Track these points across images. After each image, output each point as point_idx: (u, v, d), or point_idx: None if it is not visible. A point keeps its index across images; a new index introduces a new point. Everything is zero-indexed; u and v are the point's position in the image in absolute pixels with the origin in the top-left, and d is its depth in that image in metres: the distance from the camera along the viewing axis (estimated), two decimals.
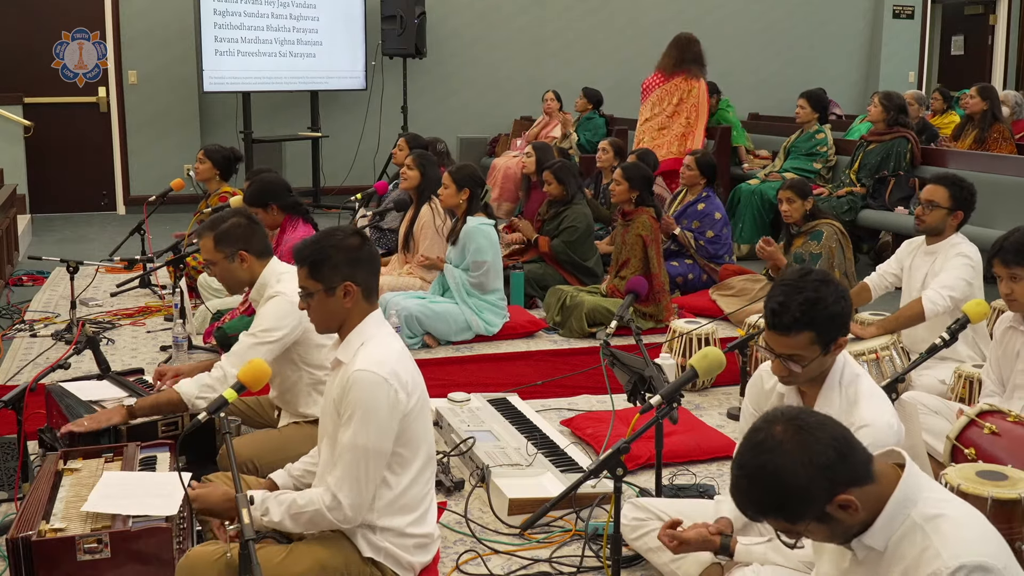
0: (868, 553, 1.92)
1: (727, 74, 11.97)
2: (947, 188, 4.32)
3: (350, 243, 2.69)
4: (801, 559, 2.49)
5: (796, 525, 1.86)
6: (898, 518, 1.88)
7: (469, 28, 11.63)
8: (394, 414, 2.57)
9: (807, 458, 1.81)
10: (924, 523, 1.85)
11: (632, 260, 5.74)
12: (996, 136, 7.91)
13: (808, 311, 2.52)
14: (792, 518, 1.85)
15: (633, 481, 3.67)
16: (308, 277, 2.67)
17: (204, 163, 6.44)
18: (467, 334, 5.64)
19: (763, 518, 1.89)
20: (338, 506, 2.55)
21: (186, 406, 3.36)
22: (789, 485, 1.81)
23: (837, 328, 2.57)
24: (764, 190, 7.93)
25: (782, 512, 1.85)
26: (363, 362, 2.57)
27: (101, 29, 10.47)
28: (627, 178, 5.79)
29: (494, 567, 3.09)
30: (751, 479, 1.86)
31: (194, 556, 2.55)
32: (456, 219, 5.76)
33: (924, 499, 1.89)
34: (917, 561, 1.82)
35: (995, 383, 3.57)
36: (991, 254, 3.53)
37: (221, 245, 3.52)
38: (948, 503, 1.91)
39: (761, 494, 1.85)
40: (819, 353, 2.57)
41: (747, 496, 1.87)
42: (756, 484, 1.85)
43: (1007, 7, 13.53)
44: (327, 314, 2.69)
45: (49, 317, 6.08)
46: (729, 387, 4.81)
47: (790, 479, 1.81)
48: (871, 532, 1.89)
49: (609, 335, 3.84)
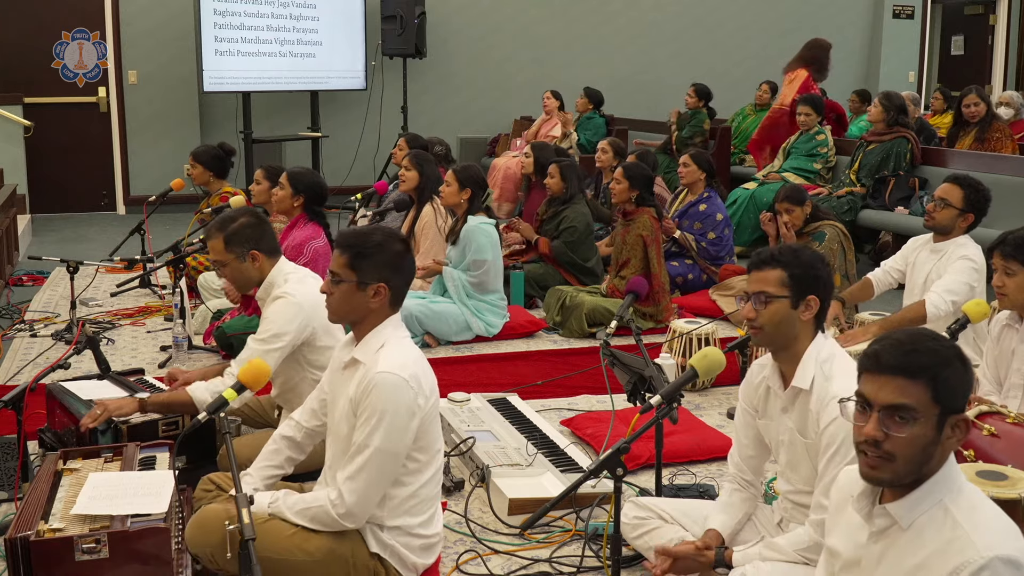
0: (888, 529, 1.90)
1: (727, 74, 12.00)
2: (963, 189, 4.32)
3: (397, 248, 2.70)
4: (796, 549, 2.49)
5: (933, 404, 1.83)
6: (931, 498, 1.86)
7: (469, 28, 11.63)
8: (413, 418, 2.58)
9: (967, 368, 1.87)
10: (957, 511, 1.83)
11: (632, 260, 5.74)
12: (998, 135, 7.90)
13: (785, 253, 2.62)
14: (937, 393, 1.83)
15: (633, 481, 3.67)
16: (346, 266, 2.66)
17: (196, 168, 6.44)
18: (467, 334, 5.63)
19: (914, 377, 1.84)
20: (342, 503, 2.57)
21: (196, 409, 3.36)
22: (960, 365, 1.85)
23: (810, 282, 2.59)
24: (758, 195, 7.92)
25: (937, 380, 1.83)
26: (385, 364, 2.57)
27: (101, 29, 10.47)
28: (627, 177, 5.79)
29: (494, 567, 3.09)
30: (935, 339, 1.87)
31: (208, 512, 2.60)
32: (456, 219, 5.76)
33: (960, 488, 1.87)
34: (945, 549, 1.80)
35: (991, 382, 3.57)
36: (993, 244, 3.54)
37: (232, 245, 3.48)
38: (980, 496, 1.89)
39: (940, 355, 1.85)
40: (787, 296, 2.58)
41: (923, 346, 1.86)
42: (938, 345, 1.86)
43: (1007, 7, 13.54)
44: (349, 306, 2.68)
45: (49, 317, 6.08)
46: (729, 387, 4.80)
47: (962, 362, 1.86)
48: (902, 503, 1.87)
49: (609, 335, 3.84)
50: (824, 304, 2.63)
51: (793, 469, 2.67)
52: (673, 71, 12.02)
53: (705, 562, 2.62)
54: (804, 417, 2.59)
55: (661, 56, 12.28)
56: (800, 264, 2.60)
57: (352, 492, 2.56)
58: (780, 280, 2.59)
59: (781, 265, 2.60)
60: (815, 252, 2.69)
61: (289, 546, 2.58)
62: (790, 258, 2.61)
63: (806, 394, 2.58)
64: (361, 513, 2.59)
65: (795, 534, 2.55)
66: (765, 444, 2.82)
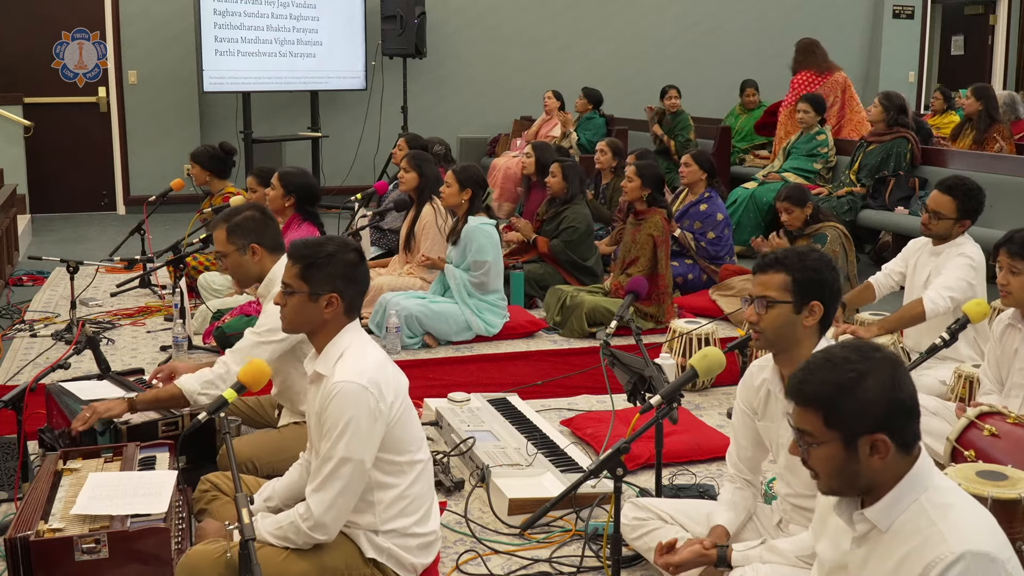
0: (869, 532, 1.92)
1: (727, 74, 11.99)
2: (954, 199, 4.25)
3: (350, 258, 2.68)
4: (797, 554, 2.49)
5: (828, 430, 1.87)
6: (906, 499, 1.88)
7: (469, 28, 11.63)
8: (376, 423, 2.55)
9: (889, 384, 1.86)
10: (932, 509, 1.85)
11: (641, 259, 5.72)
12: (996, 136, 7.91)
13: (790, 257, 2.61)
14: (831, 420, 1.86)
15: (633, 481, 3.67)
16: (298, 277, 2.65)
17: (195, 168, 6.46)
18: (467, 334, 5.63)
19: (806, 405, 1.89)
20: (311, 516, 2.54)
21: (187, 401, 3.35)
22: (859, 388, 1.85)
23: (814, 287, 2.58)
24: (758, 195, 7.92)
25: (828, 407, 1.86)
26: (342, 373, 2.56)
27: (101, 29, 10.47)
28: (640, 175, 5.77)
29: (494, 567, 3.09)
30: (834, 365, 1.89)
31: (194, 555, 2.54)
32: (457, 219, 5.75)
33: (935, 486, 1.89)
34: (921, 545, 1.82)
35: (993, 381, 3.56)
36: (1000, 242, 3.52)
37: (233, 237, 3.50)
38: (957, 493, 1.91)
39: (830, 382, 1.87)
40: (790, 301, 2.57)
41: (816, 375, 1.89)
42: (834, 371, 1.88)
43: (1007, 7, 13.53)
44: (302, 317, 2.67)
45: (49, 317, 6.07)
46: (729, 387, 4.80)
47: (863, 385, 1.85)
48: (877, 507, 1.90)
49: (609, 335, 3.84)
50: (829, 309, 2.61)
51: (793, 473, 2.67)
52: (673, 71, 12.01)
53: (707, 560, 2.62)
54: None
55: (661, 56, 12.28)
56: (805, 269, 2.58)
57: (319, 503, 2.54)
58: (783, 284, 2.58)
59: (785, 269, 2.59)
60: (823, 256, 2.66)
61: (281, 572, 2.55)
62: (795, 262, 2.59)
63: None
64: (332, 524, 2.57)
65: (798, 539, 2.53)
66: (764, 444, 2.82)
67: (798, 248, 2.69)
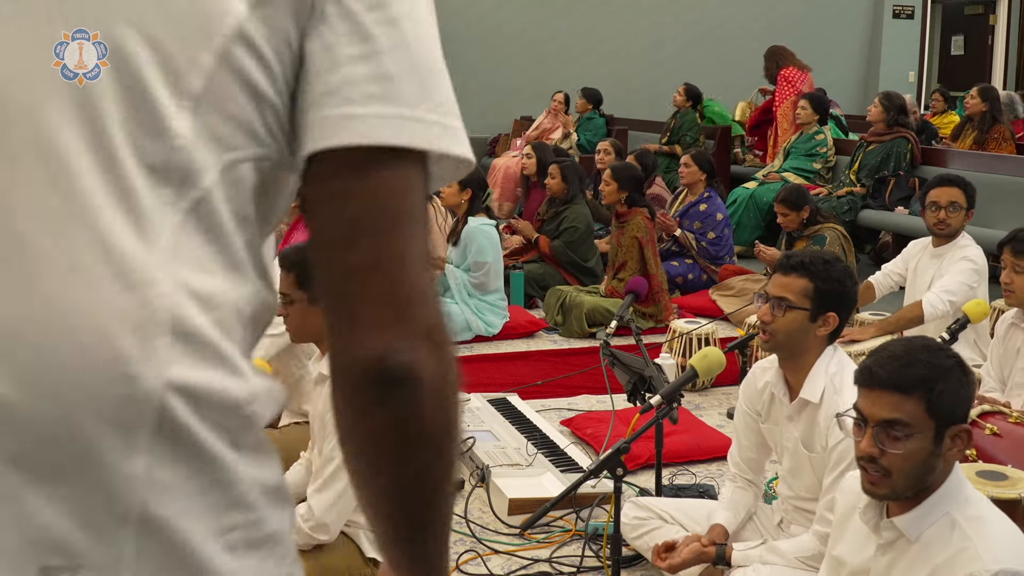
0: (896, 541, 1.89)
1: (727, 74, 11.98)
2: (961, 188, 4.30)
3: None
4: (798, 555, 2.49)
5: (928, 418, 1.81)
6: (938, 511, 1.85)
7: (469, 29, 11.63)
8: None
9: (967, 377, 1.86)
10: (965, 523, 1.82)
11: (629, 262, 5.72)
12: (997, 137, 7.90)
13: (816, 264, 2.56)
14: (933, 407, 1.81)
15: (633, 481, 3.67)
16: (294, 285, 2.63)
17: None
18: (467, 334, 5.63)
19: (910, 391, 1.82)
20: (312, 516, 2.54)
21: None
22: (953, 377, 1.82)
23: (834, 298, 2.55)
24: (758, 195, 7.92)
25: (934, 393, 1.81)
26: None
27: None
28: (616, 179, 5.77)
29: (494, 567, 3.09)
30: (933, 351, 1.86)
31: None
32: (457, 219, 5.75)
33: (967, 498, 1.87)
34: (952, 560, 1.79)
35: (995, 380, 3.57)
36: (1004, 240, 3.52)
37: None
38: (986, 505, 1.89)
39: (937, 366, 1.83)
40: (808, 308, 2.53)
41: (921, 358, 1.84)
42: (936, 356, 1.85)
43: (1007, 7, 13.53)
44: (307, 325, 2.66)
45: None
46: (729, 387, 4.79)
47: (957, 374, 1.83)
48: (908, 516, 1.86)
49: (609, 335, 3.84)
50: (843, 322, 2.58)
51: (795, 476, 2.66)
52: (673, 71, 12.01)
53: (707, 557, 2.62)
54: (811, 430, 2.55)
55: (661, 56, 12.28)
56: (829, 279, 2.54)
57: (321, 504, 2.54)
58: (804, 290, 2.54)
59: (810, 276, 2.54)
60: (847, 268, 2.62)
61: None
62: (820, 270, 2.55)
63: (814, 407, 2.53)
64: (333, 524, 2.56)
65: (799, 540, 2.52)
66: (767, 446, 2.81)
67: (824, 255, 2.64)
